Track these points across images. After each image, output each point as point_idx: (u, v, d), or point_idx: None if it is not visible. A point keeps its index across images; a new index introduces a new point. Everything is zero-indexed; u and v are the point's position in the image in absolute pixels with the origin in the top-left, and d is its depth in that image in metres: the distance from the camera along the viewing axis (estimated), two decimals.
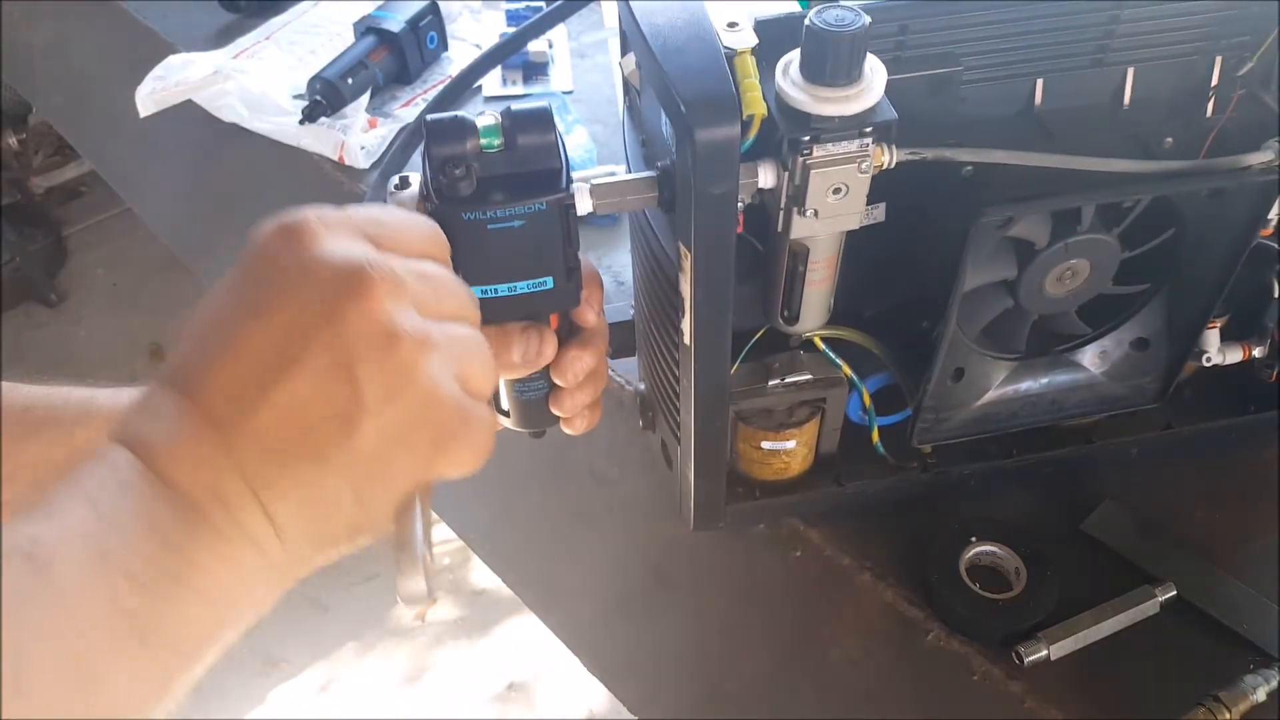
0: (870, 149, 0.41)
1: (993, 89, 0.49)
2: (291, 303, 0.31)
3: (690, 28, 0.41)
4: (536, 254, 0.40)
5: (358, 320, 0.31)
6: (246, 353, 0.31)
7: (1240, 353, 0.59)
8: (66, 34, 1.14)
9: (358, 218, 0.33)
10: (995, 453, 0.62)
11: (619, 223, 0.83)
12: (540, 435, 0.52)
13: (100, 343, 2.05)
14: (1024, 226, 0.49)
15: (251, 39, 0.97)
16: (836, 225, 0.44)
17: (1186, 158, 0.48)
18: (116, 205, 2.13)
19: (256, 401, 0.31)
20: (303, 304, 0.31)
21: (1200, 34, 0.49)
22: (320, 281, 0.31)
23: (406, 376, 0.32)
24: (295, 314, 0.31)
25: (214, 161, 0.97)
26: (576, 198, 0.41)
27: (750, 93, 0.41)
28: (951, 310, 0.50)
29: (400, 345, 0.31)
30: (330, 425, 0.31)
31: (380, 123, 0.89)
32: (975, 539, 0.59)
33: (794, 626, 0.65)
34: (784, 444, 0.58)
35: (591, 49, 0.99)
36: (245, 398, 0.31)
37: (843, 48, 0.39)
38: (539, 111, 0.39)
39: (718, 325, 0.47)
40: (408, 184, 0.41)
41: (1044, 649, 0.55)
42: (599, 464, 0.74)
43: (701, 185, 0.40)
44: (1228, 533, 0.62)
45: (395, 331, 0.31)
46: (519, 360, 0.43)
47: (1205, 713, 0.52)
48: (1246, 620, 0.57)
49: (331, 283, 0.31)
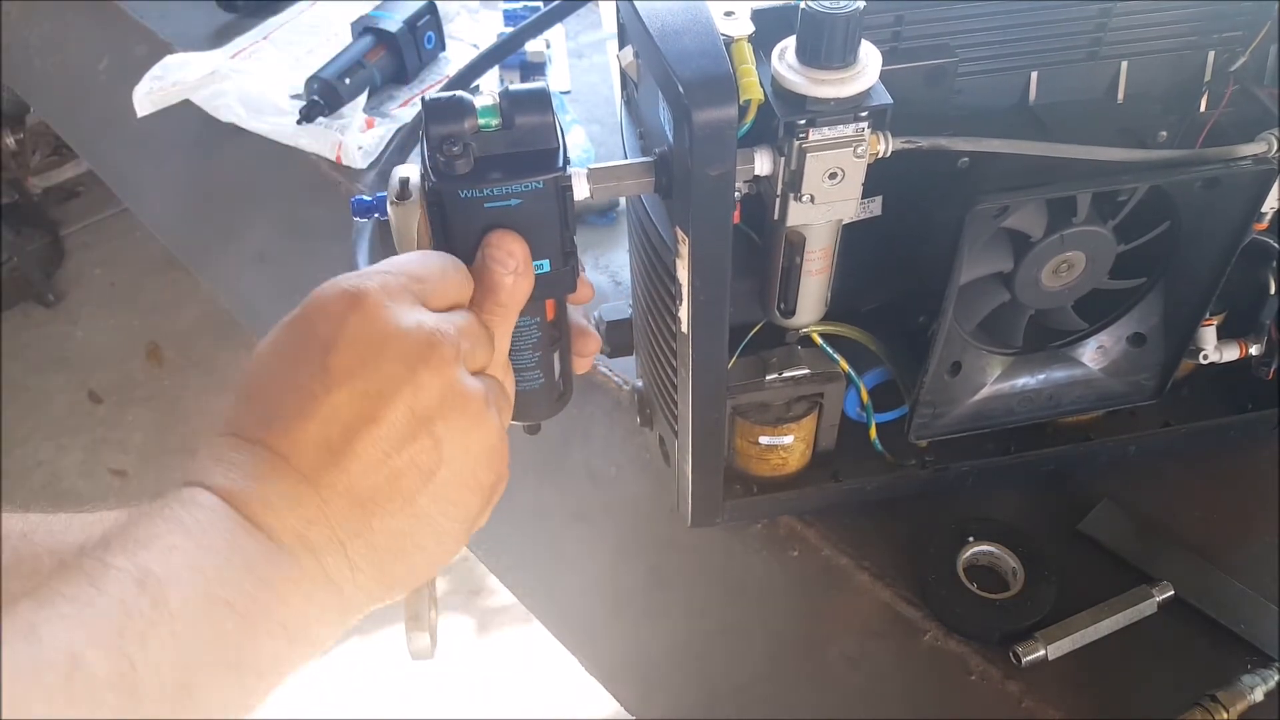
0: (866, 134, 0.42)
1: (988, 82, 0.49)
2: (373, 371, 0.35)
3: (688, 13, 0.41)
4: (533, 235, 0.40)
5: (434, 383, 0.36)
6: (333, 413, 0.34)
7: (1237, 350, 0.59)
8: (64, 33, 1.14)
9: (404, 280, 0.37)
10: (993, 449, 0.62)
11: (617, 222, 0.83)
12: (535, 430, 0.51)
13: (98, 342, 2.05)
14: (1019, 218, 0.49)
15: (249, 39, 0.97)
16: (833, 213, 0.44)
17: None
18: (114, 205, 2.14)
19: (345, 455, 0.34)
20: (384, 372, 0.35)
21: (1193, 29, 0.50)
22: (400, 352, 0.35)
23: (478, 431, 0.37)
24: (378, 381, 0.35)
25: (211, 162, 0.97)
26: (574, 181, 0.41)
27: (747, 78, 0.41)
28: (948, 303, 0.50)
29: (471, 404, 0.37)
30: (414, 474, 0.35)
31: (378, 123, 0.89)
32: (973, 539, 0.59)
33: (791, 626, 0.64)
34: (781, 439, 0.58)
35: (589, 49, 0.99)
36: (335, 453, 0.34)
37: (838, 29, 0.39)
38: (537, 92, 0.39)
39: (715, 311, 0.47)
40: (408, 192, 0.41)
41: (1041, 649, 0.55)
42: (596, 463, 0.74)
43: (699, 167, 0.40)
44: (1225, 532, 0.62)
45: (465, 392, 0.37)
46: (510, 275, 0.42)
47: (1203, 712, 0.52)
48: (1244, 620, 0.56)
49: (409, 352, 0.35)
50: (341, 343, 0.35)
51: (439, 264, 0.39)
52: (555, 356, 0.47)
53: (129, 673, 0.27)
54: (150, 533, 0.31)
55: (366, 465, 0.34)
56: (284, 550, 0.33)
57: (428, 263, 0.39)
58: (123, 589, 0.29)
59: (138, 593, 0.29)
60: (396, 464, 0.35)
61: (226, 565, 0.32)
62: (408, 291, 0.37)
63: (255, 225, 0.95)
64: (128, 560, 0.29)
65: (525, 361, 0.46)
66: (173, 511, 0.32)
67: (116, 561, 0.29)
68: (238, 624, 0.31)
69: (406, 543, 0.36)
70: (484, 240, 0.40)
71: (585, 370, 0.50)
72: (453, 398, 0.36)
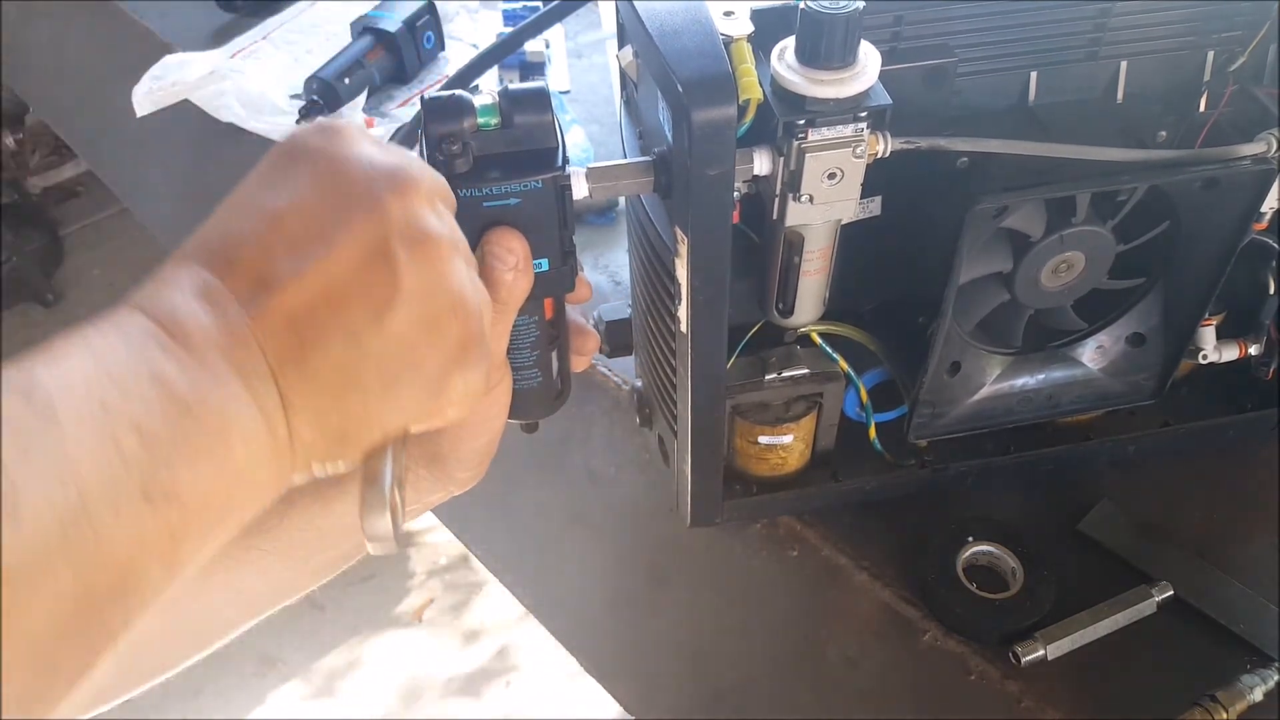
0: (865, 134, 0.42)
1: (987, 82, 0.49)
2: (332, 188, 0.31)
3: (688, 13, 0.41)
4: (532, 234, 0.40)
5: (400, 211, 0.31)
6: (280, 231, 0.31)
7: (1236, 350, 0.59)
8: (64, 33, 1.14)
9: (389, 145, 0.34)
10: (993, 449, 0.62)
11: (616, 222, 0.83)
12: (533, 429, 0.51)
13: None
14: (1019, 218, 0.49)
15: (248, 39, 0.97)
16: (831, 213, 0.44)
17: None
18: (113, 205, 2.14)
19: (288, 278, 0.30)
20: (344, 191, 0.31)
21: (1192, 28, 0.50)
22: (363, 173, 0.32)
23: (441, 272, 0.32)
24: (336, 199, 0.31)
25: (211, 161, 0.97)
26: (572, 180, 0.41)
27: (746, 78, 0.41)
28: (947, 302, 0.50)
29: (440, 243, 0.32)
30: (364, 305, 0.31)
31: (377, 122, 0.89)
32: (973, 539, 0.59)
33: (791, 626, 0.65)
34: (781, 439, 0.58)
35: (588, 49, 0.99)
36: (276, 273, 0.30)
37: (837, 29, 0.39)
38: (536, 91, 0.39)
39: (714, 311, 0.47)
40: None
41: (1041, 649, 0.55)
42: (596, 463, 0.74)
43: (698, 167, 0.41)
44: (1225, 532, 0.62)
45: (434, 228, 0.32)
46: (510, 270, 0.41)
47: (1202, 713, 0.52)
48: (1243, 620, 0.56)
49: (375, 175, 0.32)
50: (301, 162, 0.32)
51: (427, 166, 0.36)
52: (554, 355, 0.47)
53: (9, 491, 0.24)
54: (53, 351, 0.28)
55: (308, 287, 0.30)
56: (205, 369, 0.29)
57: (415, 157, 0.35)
58: (9, 403, 0.26)
59: (23, 405, 0.26)
60: (343, 290, 0.31)
61: (132, 381, 0.28)
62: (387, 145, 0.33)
63: None
64: (17, 374, 0.26)
65: (523, 360, 0.46)
66: (84, 329, 0.29)
67: (7, 375, 0.26)
68: (145, 446, 0.27)
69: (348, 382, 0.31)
70: (484, 238, 0.40)
71: (583, 369, 0.50)
72: (416, 230, 0.32)
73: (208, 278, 0.31)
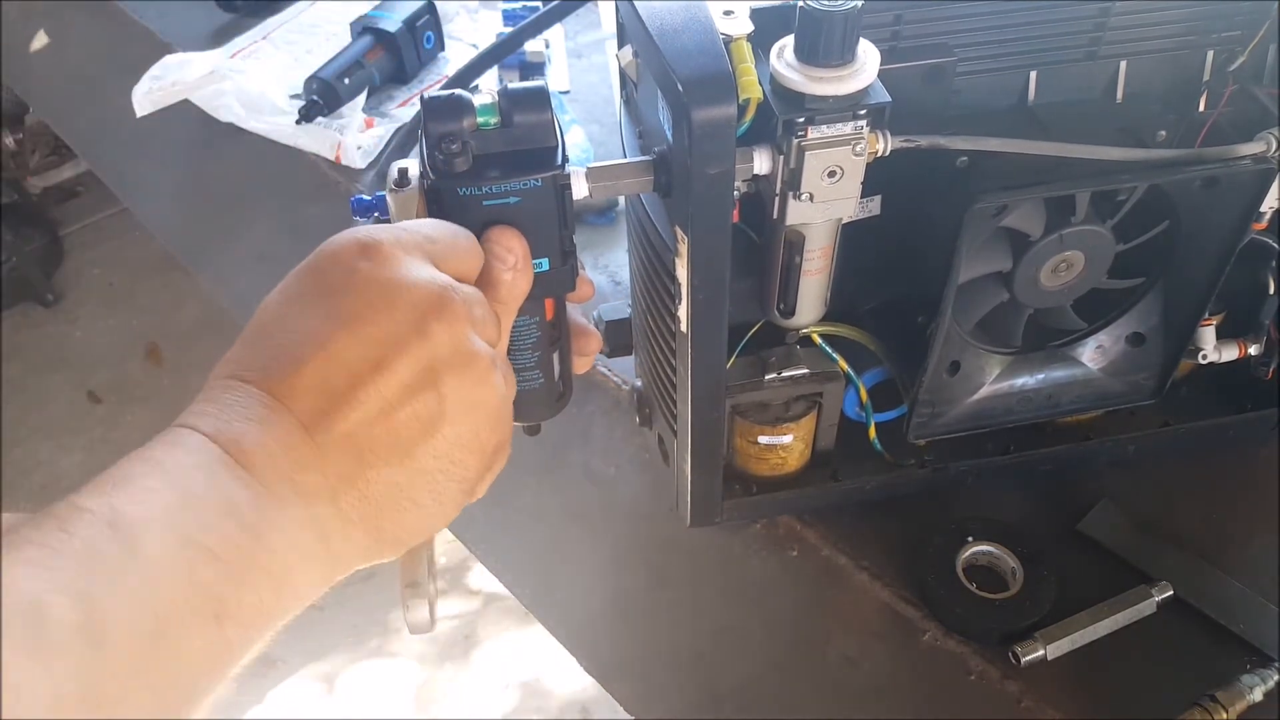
0: (865, 132, 0.41)
1: (986, 81, 0.49)
2: (382, 317, 0.34)
3: (687, 12, 0.41)
4: (532, 234, 0.40)
5: (444, 337, 0.34)
6: (336, 358, 0.33)
7: (1236, 350, 0.59)
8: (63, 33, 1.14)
9: (418, 238, 0.36)
10: (992, 449, 0.62)
11: (616, 222, 0.83)
12: (535, 431, 0.51)
13: (97, 342, 2.05)
14: (1018, 217, 0.49)
15: (248, 39, 0.97)
16: (832, 211, 0.44)
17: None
18: (113, 205, 2.14)
19: (347, 402, 0.33)
20: (395, 319, 0.34)
21: (1191, 28, 0.50)
22: (411, 301, 0.34)
23: (483, 392, 0.36)
24: (387, 327, 0.34)
25: (210, 161, 0.97)
26: (572, 180, 0.41)
27: (746, 76, 0.41)
28: (947, 302, 0.50)
29: (479, 362, 0.36)
30: (416, 427, 0.34)
31: (377, 123, 0.89)
32: (972, 539, 0.59)
33: (790, 626, 0.64)
34: (781, 438, 0.58)
35: (588, 49, 0.99)
36: (335, 398, 0.33)
37: (836, 26, 0.39)
38: (535, 90, 0.39)
39: (714, 310, 0.47)
40: (407, 180, 0.41)
41: (1041, 649, 0.55)
42: (595, 463, 0.74)
43: (698, 166, 0.40)
44: (1224, 532, 0.61)
45: (475, 350, 0.36)
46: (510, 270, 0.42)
47: (1202, 713, 0.52)
48: (1243, 620, 0.56)
49: (421, 302, 0.34)
50: (351, 288, 0.34)
51: (450, 231, 0.38)
52: (555, 356, 0.47)
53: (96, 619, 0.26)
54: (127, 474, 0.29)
55: (367, 413, 0.33)
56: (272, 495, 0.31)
57: (440, 228, 0.38)
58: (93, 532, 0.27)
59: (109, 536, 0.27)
60: (398, 414, 0.33)
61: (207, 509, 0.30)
62: (420, 249, 0.36)
63: (254, 225, 0.95)
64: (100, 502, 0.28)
65: (525, 361, 0.46)
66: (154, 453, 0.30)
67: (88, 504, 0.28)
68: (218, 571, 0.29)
69: (402, 498, 0.34)
70: (483, 237, 0.40)
71: (586, 370, 0.50)
72: (461, 354, 0.35)
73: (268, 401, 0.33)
